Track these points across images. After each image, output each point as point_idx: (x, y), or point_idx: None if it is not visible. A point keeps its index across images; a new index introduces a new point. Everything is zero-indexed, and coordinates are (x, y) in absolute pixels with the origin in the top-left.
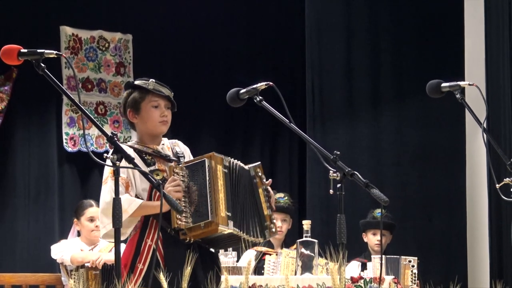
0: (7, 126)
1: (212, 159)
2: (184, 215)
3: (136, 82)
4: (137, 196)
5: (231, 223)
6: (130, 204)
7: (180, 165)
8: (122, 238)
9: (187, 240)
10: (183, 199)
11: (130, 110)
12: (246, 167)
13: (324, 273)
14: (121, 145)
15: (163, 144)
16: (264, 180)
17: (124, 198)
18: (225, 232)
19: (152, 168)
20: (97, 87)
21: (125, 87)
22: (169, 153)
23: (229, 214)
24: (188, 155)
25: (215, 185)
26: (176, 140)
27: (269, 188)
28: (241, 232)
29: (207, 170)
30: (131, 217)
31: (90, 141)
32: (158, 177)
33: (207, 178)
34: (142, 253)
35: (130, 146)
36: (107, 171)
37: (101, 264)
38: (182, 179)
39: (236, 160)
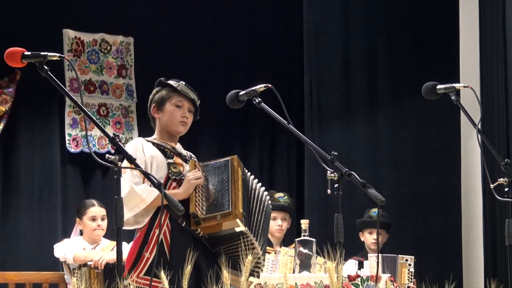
0: (11, 127)
1: (234, 160)
2: (200, 206)
3: (169, 81)
4: None
5: (244, 222)
6: (148, 194)
7: (203, 164)
8: (138, 226)
9: (198, 231)
10: (200, 193)
11: (154, 105)
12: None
13: (322, 272)
14: (142, 139)
15: (179, 145)
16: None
17: (143, 187)
18: (237, 229)
19: (170, 160)
20: (99, 89)
21: (156, 84)
22: (185, 154)
23: (244, 213)
24: None
25: (236, 182)
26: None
27: None
28: (251, 235)
29: (230, 167)
30: (149, 207)
31: (92, 142)
32: (175, 170)
33: (230, 175)
34: (149, 242)
35: (148, 141)
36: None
37: (103, 264)
38: (203, 174)
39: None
